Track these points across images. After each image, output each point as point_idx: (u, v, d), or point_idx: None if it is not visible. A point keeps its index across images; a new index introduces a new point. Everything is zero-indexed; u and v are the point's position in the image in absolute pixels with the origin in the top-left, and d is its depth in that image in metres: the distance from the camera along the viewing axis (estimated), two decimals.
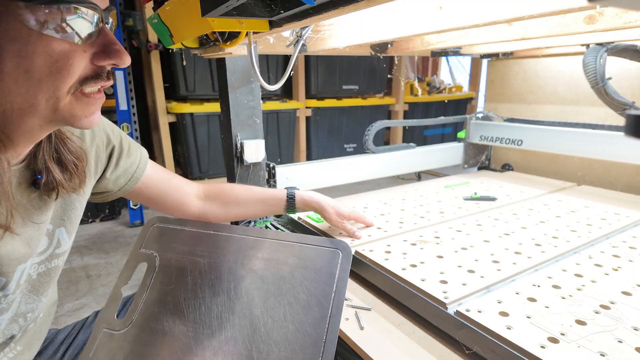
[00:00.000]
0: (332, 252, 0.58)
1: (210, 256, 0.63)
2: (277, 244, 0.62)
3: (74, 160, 0.54)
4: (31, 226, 0.51)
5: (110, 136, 0.64)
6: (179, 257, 0.63)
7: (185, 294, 0.58)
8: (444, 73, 4.57)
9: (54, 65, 0.40)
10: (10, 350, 0.54)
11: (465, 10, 0.69)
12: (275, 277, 0.57)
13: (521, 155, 1.64)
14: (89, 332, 0.71)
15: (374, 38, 0.89)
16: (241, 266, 0.60)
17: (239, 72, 1.04)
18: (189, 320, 0.55)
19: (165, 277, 0.61)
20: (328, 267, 0.57)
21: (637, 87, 1.27)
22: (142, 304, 0.58)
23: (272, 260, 0.60)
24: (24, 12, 0.37)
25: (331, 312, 0.52)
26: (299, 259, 0.59)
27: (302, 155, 3.20)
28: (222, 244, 0.64)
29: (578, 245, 0.83)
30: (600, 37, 1.02)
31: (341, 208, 0.90)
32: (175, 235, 0.67)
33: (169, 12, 0.70)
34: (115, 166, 0.65)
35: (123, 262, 1.83)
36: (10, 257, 0.48)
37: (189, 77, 2.59)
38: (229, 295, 0.56)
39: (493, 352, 0.54)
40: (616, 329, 0.55)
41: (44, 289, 0.57)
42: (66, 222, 0.58)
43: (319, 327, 0.50)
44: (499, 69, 1.70)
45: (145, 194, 0.72)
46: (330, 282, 0.55)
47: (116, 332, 0.56)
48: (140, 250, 0.65)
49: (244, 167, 1.10)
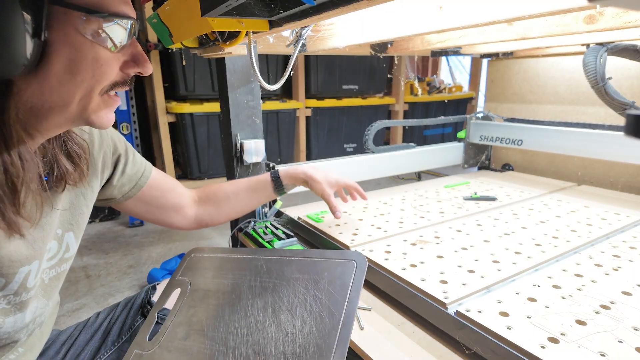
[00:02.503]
0: (346, 264, 0.60)
1: (233, 278, 0.66)
2: (294, 262, 0.65)
3: (80, 152, 0.56)
4: (36, 228, 0.51)
5: (117, 144, 0.66)
6: (207, 281, 0.68)
7: (208, 314, 0.61)
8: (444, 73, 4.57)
9: (97, 70, 0.44)
10: (12, 352, 0.54)
11: (465, 10, 0.69)
12: (289, 293, 0.60)
13: (521, 155, 1.64)
14: (90, 333, 0.71)
15: (374, 38, 0.89)
16: (260, 284, 0.63)
17: (239, 72, 1.04)
18: (207, 337, 0.58)
19: (193, 301, 0.65)
20: (341, 278, 0.58)
21: (637, 87, 1.27)
22: (170, 326, 0.62)
23: (288, 277, 0.62)
24: (82, 22, 0.41)
25: (342, 321, 0.52)
26: (313, 274, 0.61)
27: (302, 155, 3.20)
28: (245, 266, 0.68)
29: (578, 245, 0.83)
30: (600, 37, 1.02)
31: (331, 175, 0.86)
32: (208, 262, 0.72)
33: (169, 11, 0.70)
34: (122, 173, 0.67)
35: (123, 262, 1.84)
36: (11, 259, 0.48)
37: (188, 77, 2.58)
38: (246, 313, 0.59)
39: (493, 352, 0.54)
40: (616, 329, 0.55)
41: (53, 293, 0.58)
42: (74, 227, 0.59)
43: (329, 337, 0.51)
44: (499, 68, 1.70)
45: (148, 201, 0.73)
46: (343, 292, 0.56)
47: (145, 352, 0.60)
48: (177, 278, 0.70)
49: (244, 167, 1.09)
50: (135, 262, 1.84)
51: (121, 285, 1.64)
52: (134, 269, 1.78)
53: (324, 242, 0.92)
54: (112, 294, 1.56)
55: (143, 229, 2.26)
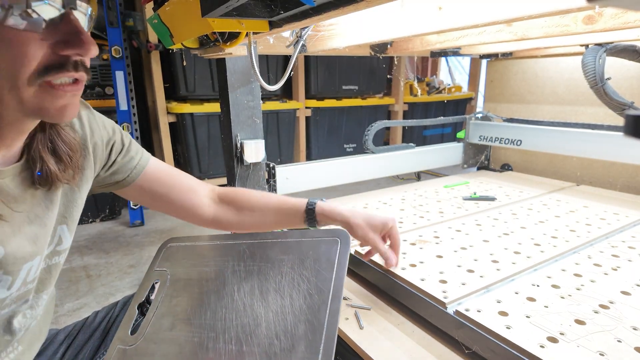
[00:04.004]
0: (331, 241, 0.60)
1: (215, 264, 0.64)
2: (278, 243, 0.64)
3: (68, 151, 0.53)
4: (37, 224, 0.51)
5: (110, 133, 0.64)
6: (187, 270, 0.66)
7: (192, 302, 0.60)
8: (443, 73, 4.57)
9: (12, 53, 0.38)
10: (13, 350, 0.54)
11: (464, 10, 0.69)
12: (275, 274, 0.59)
13: (520, 155, 1.64)
14: (89, 332, 0.71)
15: (374, 38, 0.89)
16: (244, 269, 0.62)
17: (239, 72, 1.04)
18: (195, 326, 0.56)
19: (175, 291, 0.63)
20: (327, 255, 0.58)
21: (636, 87, 1.27)
22: (153, 318, 0.60)
23: (273, 259, 0.62)
24: None
25: (331, 295, 0.52)
26: (298, 254, 0.61)
27: (302, 155, 3.20)
28: (227, 252, 0.66)
29: (577, 245, 0.83)
30: (599, 38, 1.02)
31: (375, 218, 0.71)
32: (186, 251, 0.70)
33: (169, 12, 0.70)
34: (114, 162, 0.65)
35: (123, 262, 1.84)
36: (16, 256, 0.48)
37: (189, 78, 2.59)
38: (232, 298, 0.58)
39: (492, 352, 0.54)
40: (615, 329, 0.55)
41: (44, 286, 0.57)
42: (68, 220, 0.58)
43: (320, 312, 0.51)
44: (498, 69, 1.70)
45: (148, 191, 0.70)
46: (330, 269, 0.56)
47: (128, 347, 0.58)
48: (154, 270, 0.68)
49: (244, 167, 1.10)
50: (135, 261, 1.85)
51: (122, 284, 1.64)
52: (134, 268, 1.78)
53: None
54: (113, 294, 1.57)
55: (143, 229, 2.27)
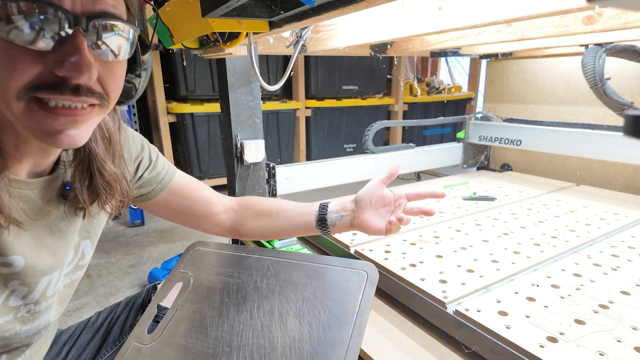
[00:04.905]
0: (357, 274, 0.59)
1: (239, 277, 0.64)
2: (303, 266, 0.63)
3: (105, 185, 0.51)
4: (59, 237, 0.51)
5: (138, 149, 0.64)
6: (210, 277, 0.66)
7: (212, 312, 0.60)
8: (443, 73, 4.57)
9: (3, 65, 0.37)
10: (20, 356, 0.54)
11: (464, 10, 0.69)
12: (297, 298, 0.58)
13: (520, 155, 1.64)
14: (92, 332, 0.71)
15: (374, 38, 0.89)
16: (266, 286, 0.61)
17: (239, 72, 1.04)
18: (211, 337, 0.56)
19: (196, 297, 0.63)
20: (352, 288, 0.57)
21: (635, 87, 1.28)
22: (171, 321, 0.60)
23: (297, 282, 0.61)
24: None
25: (352, 333, 0.51)
26: (323, 281, 0.60)
27: (302, 155, 3.20)
28: (251, 265, 0.66)
29: (577, 245, 0.83)
30: (599, 38, 1.03)
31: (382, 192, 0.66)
32: (211, 257, 0.70)
33: (170, 12, 0.71)
34: (140, 177, 0.65)
35: (124, 261, 1.84)
36: (35, 269, 0.47)
37: (189, 78, 2.59)
38: (252, 314, 0.57)
39: (492, 352, 0.54)
40: (615, 329, 0.55)
41: (67, 300, 0.57)
42: (91, 234, 0.58)
43: (338, 349, 0.50)
44: (498, 69, 1.70)
45: (172, 204, 0.70)
46: (354, 303, 0.55)
47: (144, 346, 0.58)
48: (179, 271, 0.68)
49: (244, 167, 1.10)
50: (136, 261, 1.85)
51: (122, 284, 1.64)
52: (134, 268, 1.78)
53: (323, 242, 0.92)
54: (113, 294, 1.57)
55: (144, 229, 2.27)
